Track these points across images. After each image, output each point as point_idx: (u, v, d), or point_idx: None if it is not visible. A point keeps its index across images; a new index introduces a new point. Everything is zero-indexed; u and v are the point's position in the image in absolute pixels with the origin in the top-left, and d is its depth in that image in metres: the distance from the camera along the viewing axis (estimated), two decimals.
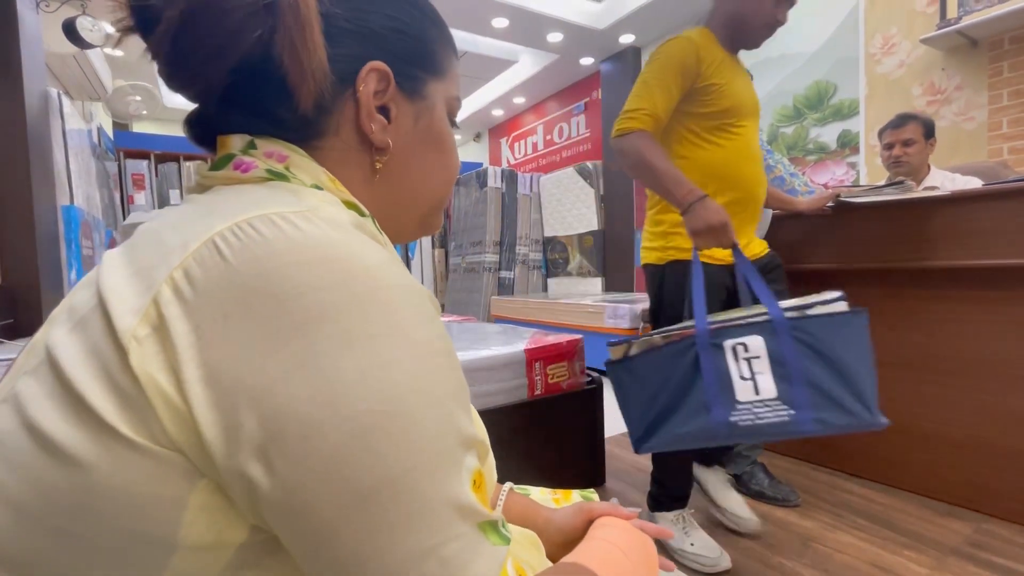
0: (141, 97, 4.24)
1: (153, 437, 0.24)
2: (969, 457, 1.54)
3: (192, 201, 0.33)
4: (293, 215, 0.27)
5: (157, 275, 0.26)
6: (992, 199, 1.44)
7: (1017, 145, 2.50)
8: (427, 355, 0.27)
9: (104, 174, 3.46)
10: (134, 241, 0.30)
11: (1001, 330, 1.46)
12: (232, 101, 0.35)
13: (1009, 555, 1.30)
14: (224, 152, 0.35)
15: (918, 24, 2.80)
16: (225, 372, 0.24)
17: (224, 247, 0.26)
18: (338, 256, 0.26)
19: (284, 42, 0.31)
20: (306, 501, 0.24)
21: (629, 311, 3.21)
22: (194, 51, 0.32)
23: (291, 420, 0.24)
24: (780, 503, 1.61)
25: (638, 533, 0.47)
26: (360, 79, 0.35)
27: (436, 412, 0.27)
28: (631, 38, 4.45)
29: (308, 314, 0.25)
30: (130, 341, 0.25)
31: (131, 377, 0.24)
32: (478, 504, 0.27)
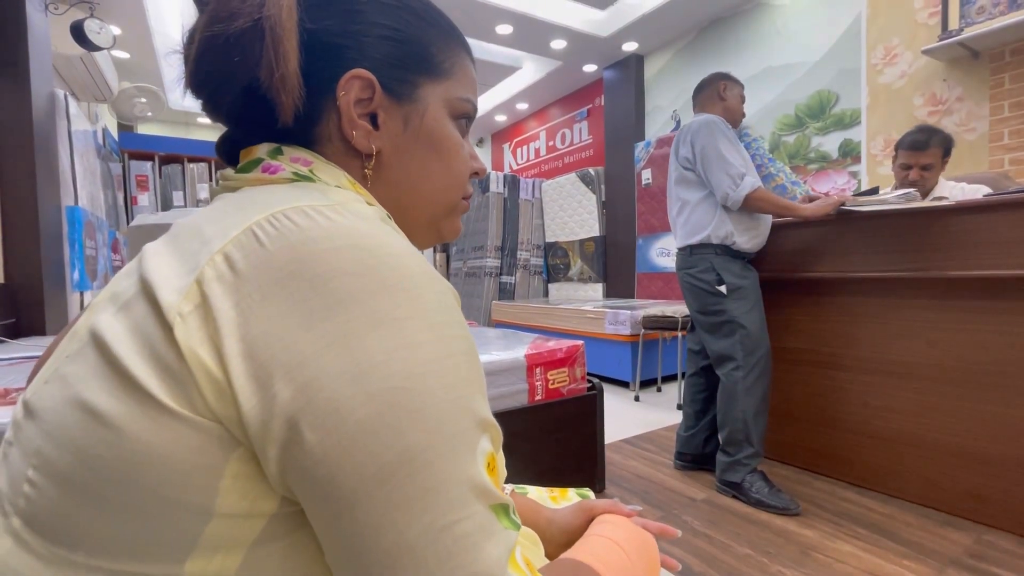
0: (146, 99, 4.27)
1: (194, 408, 0.26)
2: (970, 467, 1.53)
3: (224, 199, 0.35)
4: (325, 207, 0.30)
5: (200, 259, 0.28)
6: (992, 210, 1.45)
7: (1018, 156, 2.50)
8: (448, 340, 0.29)
9: (108, 175, 3.48)
10: (174, 233, 0.33)
11: (1002, 340, 1.46)
12: (245, 120, 0.39)
13: (1010, 566, 1.30)
14: (251, 158, 0.38)
15: (920, 35, 2.82)
16: (262, 347, 0.26)
17: (262, 234, 0.28)
18: (367, 244, 0.28)
19: (263, 59, 0.34)
20: (330, 471, 0.25)
21: (630, 317, 3.21)
22: (216, 67, 0.36)
23: (321, 393, 0.25)
24: (780, 511, 1.61)
25: (638, 530, 0.48)
26: (340, 87, 0.37)
27: (455, 394, 0.28)
28: (634, 46, 4.47)
29: (339, 296, 0.27)
30: (175, 317, 0.26)
31: (175, 351, 0.26)
32: (492, 486, 0.28)
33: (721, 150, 1.71)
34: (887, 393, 1.71)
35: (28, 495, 0.28)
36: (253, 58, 0.34)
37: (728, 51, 3.95)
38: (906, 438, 1.66)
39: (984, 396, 1.50)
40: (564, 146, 5.81)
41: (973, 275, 1.48)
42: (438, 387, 0.27)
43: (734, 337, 1.73)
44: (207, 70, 0.36)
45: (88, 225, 2.74)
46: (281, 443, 0.26)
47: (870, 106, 3.08)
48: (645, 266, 4.44)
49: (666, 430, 2.44)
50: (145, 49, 4.38)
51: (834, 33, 3.28)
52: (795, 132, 3.51)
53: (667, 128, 4.50)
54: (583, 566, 0.38)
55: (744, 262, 1.81)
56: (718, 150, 1.71)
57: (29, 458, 0.28)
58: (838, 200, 1.67)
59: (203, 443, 0.26)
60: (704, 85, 1.91)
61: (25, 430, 0.29)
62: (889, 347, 1.69)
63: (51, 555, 0.27)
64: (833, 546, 1.41)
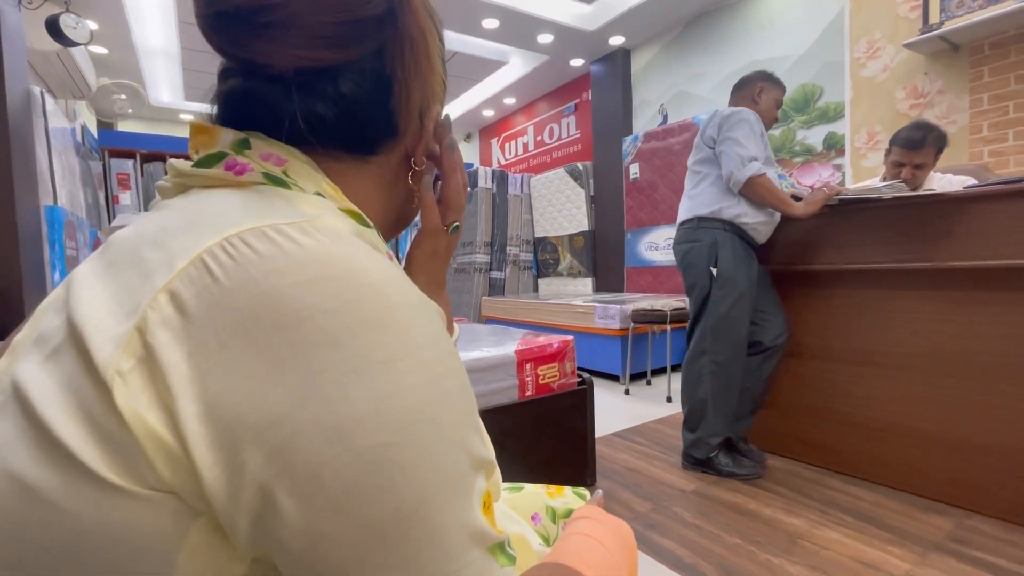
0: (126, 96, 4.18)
1: (143, 480, 0.23)
2: (952, 454, 1.57)
3: (170, 208, 0.30)
4: (288, 227, 0.26)
5: (139, 298, 0.24)
6: (974, 202, 1.47)
7: (997, 148, 2.55)
8: (439, 378, 0.26)
9: (88, 173, 3.41)
10: (108, 257, 0.28)
11: (984, 330, 1.49)
12: (292, 95, 0.32)
13: (990, 550, 1.33)
14: (211, 148, 0.32)
15: (902, 29, 2.85)
16: (224, 407, 0.22)
17: (215, 266, 0.24)
18: (343, 274, 0.25)
19: (405, 66, 0.33)
20: (317, 541, 0.23)
21: (619, 311, 3.23)
22: (288, 28, 0.30)
23: (299, 457, 0.22)
24: (747, 479, 1.79)
25: (616, 522, 0.47)
26: (430, 119, 0.39)
27: (449, 439, 0.26)
28: (621, 40, 4.47)
29: (313, 340, 0.23)
30: (113, 377, 0.22)
31: (116, 417, 0.22)
32: (488, 528, 0.27)
33: (740, 136, 1.75)
34: (872, 383, 1.74)
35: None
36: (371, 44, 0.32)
37: (714, 45, 3.97)
38: (890, 427, 1.70)
39: (966, 385, 1.53)
40: (552, 141, 5.80)
41: (956, 266, 1.51)
42: (432, 435, 0.25)
43: (708, 323, 1.79)
44: (295, 19, 0.30)
45: (68, 225, 2.68)
46: (254, 515, 0.23)
47: (853, 99, 3.12)
48: (634, 260, 4.46)
49: (656, 423, 2.46)
50: (124, 45, 4.29)
51: (818, 27, 3.31)
52: (781, 125, 3.54)
53: (654, 123, 4.52)
54: (567, 569, 0.36)
55: (748, 249, 1.82)
56: (739, 134, 1.75)
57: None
58: (823, 196, 1.69)
59: (156, 517, 0.23)
60: (743, 84, 1.93)
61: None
62: (874, 338, 1.72)
63: None
64: (820, 534, 1.44)
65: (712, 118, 1.84)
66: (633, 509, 1.62)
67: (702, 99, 4.10)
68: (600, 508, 0.49)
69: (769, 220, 1.82)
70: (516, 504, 0.63)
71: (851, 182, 3.13)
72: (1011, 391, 1.45)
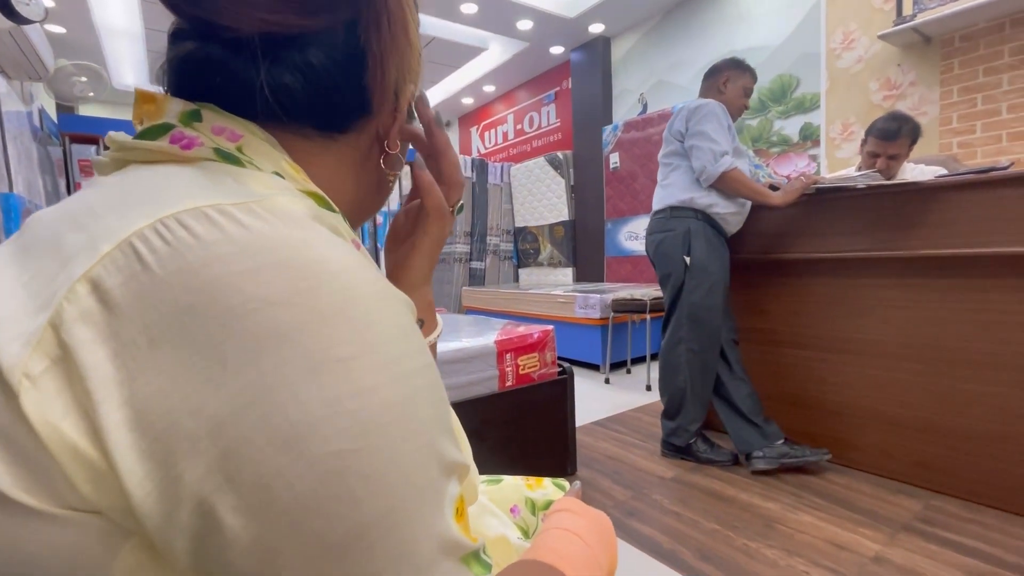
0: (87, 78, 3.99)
1: (60, 500, 0.20)
2: (920, 437, 1.61)
3: (100, 185, 0.26)
4: (234, 208, 0.22)
5: (56, 288, 0.21)
6: (946, 191, 1.50)
7: (966, 139, 2.61)
8: (406, 376, 0.23)
9: (47, 160, 3.26)
10: (22, 241, 0.25)
11: (950, 316, 1.53)
12: (275, 58, 0.29)
13: (956, 529, 1.38)
14: (157, 119, 0.28)
15: (876, 21, 2.89)
16: (156, 412, 0.20)
17: (146, 252, 0.21)
18: (296, 261, 0.22)
19: (384, 35, 0.30)
20: (268, 561, 0.20)
21: (599, 301, 3.24)
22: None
23: (245, 468, 0.20)
24: (724, 464, 1.82)
25: (594, 514, 0.46)
26: (406, 98, 0.36)
27: (417, 442, 0.23)
28: (601, 27, 4.44)
29: (260, 335, 0.20)
30: (20, 380, 0.19)
31: (24, 427, 0.19)
32: (461, 536, 0.25)
33: (708, 129, 1.75)
34: (844, 369, 1.78)
35: None
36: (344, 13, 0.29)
37: (693, 34, 3.97)
38: (862, 412, 1.74)
39: (933, 370, 1.57)
40: (532, 129, 5.76)
41: (925, 254, 1.55)
42: (397, 440, 0.22)
43: (683, 311, 1.81)
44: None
45: (26, 214, 2.56)
46: (192, 534, 0.20)
47: (829, 90, 3.16)
48: (614, 250, 4.48)
49: (636, 411, 2.48)
50: (83, 24, 4.08)
51: (795, 18, 3.34)
52: (758, 116, 3.57)
53: (634, 112, 4.51)
54: (547, 568, 0.35)
55: (720, 238, 1.84)
56: (707, 128, 1.75)
57: None
58: (801, 185, 1.71)
59: (79, 542, 0.20)
60: (711, 73, 1.91)
61: None
62: (846, 325, 1.76)
63: None
64: (795, 517, 1.47)
65: (679, 112, 1.84)
66: (613, 497, 1.64)
67: (681, 88, 4.10)
68: (579, 500, 0.48)
69: (740, 211, 1.84)
70: (495, 496, 0.62)
71: (826, 172, 3.18)
72: (974, 375, 1.49)
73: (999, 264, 1.43)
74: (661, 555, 1.32)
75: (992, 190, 1.42)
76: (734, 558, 1.29)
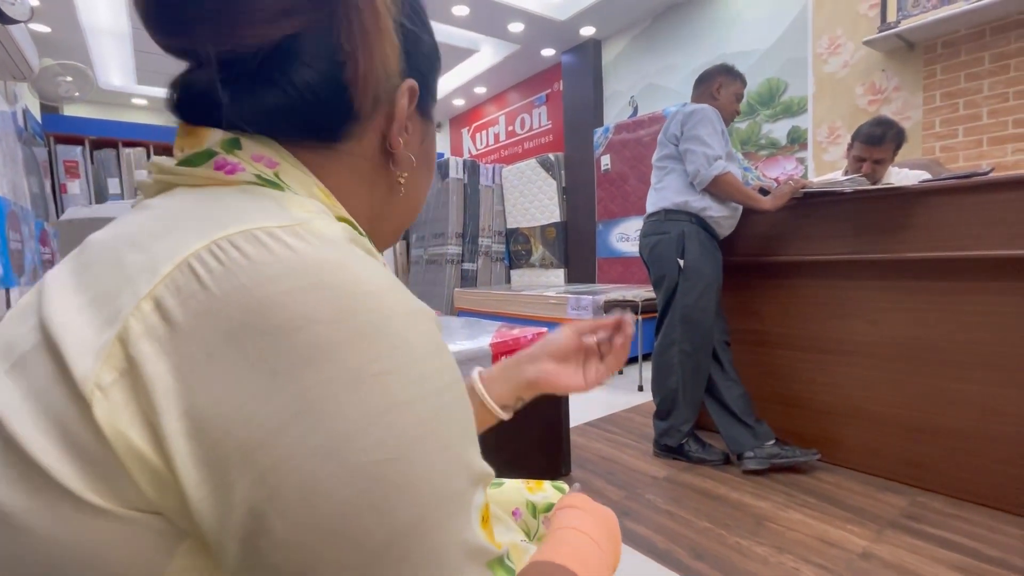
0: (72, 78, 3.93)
1: (125, 501, 0.21)
2: (906, 436, 1.65)
3: (151, 208, 0.28)
4: (281, 231, 0.24)
5: (122, 305, 0.22)
6: (930, 195, 1.54)
7: (948, 143, 2.67)
8: (438, 391, 0.25)
9: (32, 161, 3.21)
10: (83, 260, 0.26)
11: (936, 318, 1.57)
12: (252, 75, 0.29)
13: (941, 525, 1.41)
14: (199, 147, 0.30)
15: (861, 26, 2.95)
16: (212, 423, 0.21)
17: (203, 272, 0.23)
18: (337, 281, 0.24)
19: (355, 36, 0.29)
20: (310, 565, 0.22)
21: (591, 302, 3.26)
22: (229, 5, 0.27)
23: (291, 476, 0.21)
24: (717, 464, 1.83)
25: (601, 511, 0.48)
26: (400, 93, 0.35)
27: (448, 454, 0.25)
28: (591, 30, 4.47)
29: (306, 352, 0.22)
30: (93, 391, 0.21)
31: (95, 434, 0.21)
32: (486, 543, 0.26)
33: (703, 134, 1.78)
34: (833, 370, 1.81)
35: None
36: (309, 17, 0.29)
37: (683, 38, 4.01)
38: (850, 411, 1.77)
39: (919, 370, 1.61)
40: (523, 131, 5.78)
41: (911, 257, 1.58)
42: (431, 451, 0.24)
43: (676, 313, 1.83)
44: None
45: (11, 216, 2.52)
46: (243, 536, 0.21)
47: (816, 94, 3.21)
48: (605, 251, 4.51)
49: (628, 411, 2.51)
50: (68, 23, 4.03)
51: (783, 22, 3.39)
52: (747, 119, 3.62)
53: (625, 114, 4.55)
54: (561, 568, 0.37)
55: (713, 241, 1.86)
56: (702, 132, 1.78)
57: None
58: (790, 190, 1.74)
59: (138, 540, 0.22)
60: (703, 79, 1.94)
61: None
62: (835, 326, 1.79)
63: None
64: (785, 515, 1.50)
65: (674, 116, 1.87)
66: (607, 497, 1.65)
67: (671, 91, 4.15)
68: (586, 496, 0.50)
69: (732, 214, 1.87)
70: (497, 500, 0.63)
71: (813, 175, 3.23)
72: (958, 375, 1.53)
73: (981, 267, 1.47)
74: (656, 554, 1.34)
75: (974, 195, 1.46)
76: (727, 556, 1.31)
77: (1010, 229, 1.40)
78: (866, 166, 1.94)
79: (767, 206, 1.75)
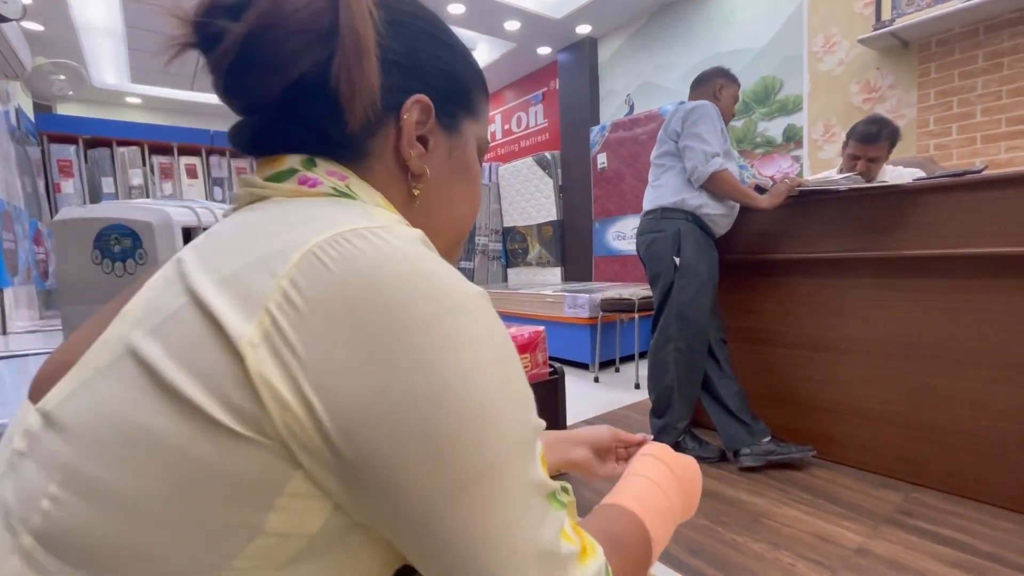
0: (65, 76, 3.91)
1: (261, 431, 0.26)
2: (900, 432, 1.66)
3: (261, 211, 0.34)
4: (379, 230, 0.30)
5: (263, 283, 0.28)
6: (924, 194, 1.55)
7: (942, 141, 2.69)
8: (506, 358, 0.31)
9: (26, 160, 3.19)
10: (207, 248, 0.32)
11: (928, 315, 1.58)
12: (285, 115, 0.37)
13: (934, 520, 1.42)
14: (281, 167, 0.37)
15: (856, 25, 2.95)
16: (339, 378, 0.27)
17: (326, 258, 0.28)
18: (426, 269, 0.30)
19: (341, 66, 0.34)
20: (417, 486, 0.27)
21: (588, 300, 3.26)
22: (254, 68, 0.34)
23: (403, 418, 0.27)
24: (713, 461, 1.85)
25: (678, 459, 0.54)
26: (405, 108, 0.38)
27: (519, 407, 0.31)
28: (587, 28, 4.47)
29: (411, 323, 0.28)
30: (246, 346, 0.26)
31: (245, 380, 0.26)
32: (547, 479, 0.32)
33: (703, 130, 1.79)
34: (828, 367, 1.82)
35: (47, 512, 0.27)
36: (311, 57, 0.34)
37: (678, 37, 4.02)
38: (845, 408, 1.78)
39: (914, 367, 1.62)
40: (520, 130, 5.77)
41: (904, 255, 1.59)
42: (507, 404, 0.30)
43: (672, 311, 1.84)
44: (253, 58, 0.34)
45: (5, 216, 2.50)
46: (361, 467, 0.27)
47: (811, 92, 3.22)
48: (602, 249, 4.51)
49: (625, 409, 2.51)
50: (62, 21, 4.00)
51: (778, 21, 3.39)
52: (743, 117, 3.63)
53: (621, 112, 4.55)
54: (622, 510, 0.45)
55: (709, 239, 1.87)
56: (701, 129, 1.79)
57: (52, 473, 0.27)
58: (787, 188, 1.75)
59: (268, 461, 0.27)
60: (702, 80, 1.95)
61: (46, 443, 0.28)
62: (830, 324, 1.80)
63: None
64: (781, 511, 1.51)
65: (675, 112, 1.87)
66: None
67: (667, 90, 4.15)
68: (667, 447, 0.56)
69: (729, 212, 1.87)
70: None
71: (808, 173, 3.24)
72: (952, 372, 1.54)
73: (975, 264, 1.48)
74: None
75: (968, 193, 1.47)
76: (723, 552, 1.32)
77: (1004, 227, 1.41)
78: (861, 164, 1.95)
79: (764, 204, 1.76)
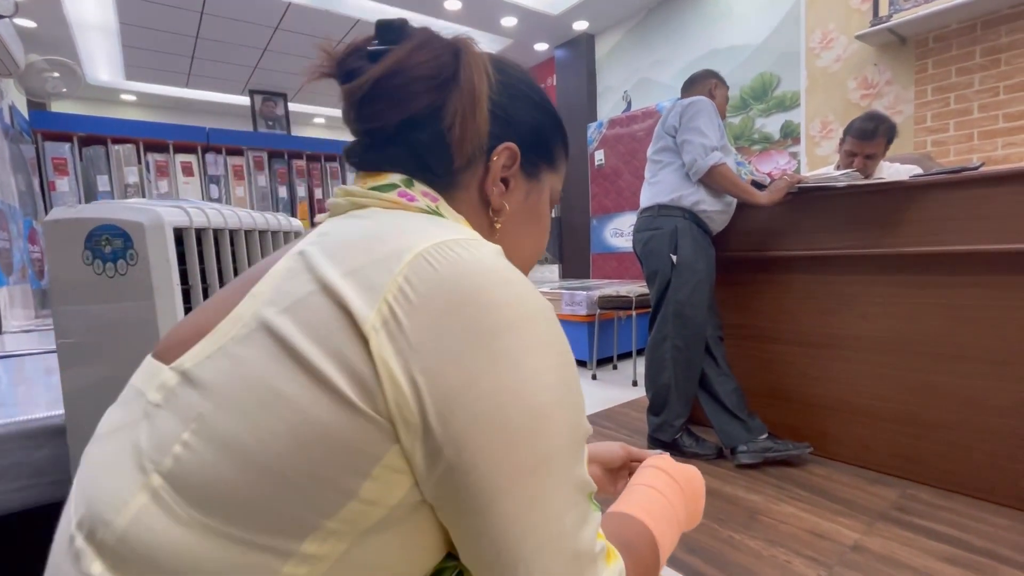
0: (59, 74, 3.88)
1: (375, 406, 0.30)
2: (896, 429, 1.67)
3: (368, 218, 0.39)
4: (472, 242, 0.35)
5: (383, 278, 0.32)
6: (921, 190, 1.55)
7: (939, 137, 2.69)
8: (569, 363, 0.36)
9: (20, 158, 3.17)
10: (331, 245, 0.36)
11: (924, 312, 1.58)
12: (396, 142, 0.43)
13: (930, 517, 1.43)
14: (383, 181, 0.43)
15: (854, 21, 2.95)
16: (441, 361, 0.31)
17: (434, 262, 0.33)
18: (512, 279, 0.34)
19: (457, 112, 0.41)
20: (490, 467, 0.31)
21: (586, 297, 3.26)
22: (379, 102, 0.42)
23: (488, 405, 0.31)
24: (709, 458, 1.85)
25: (682, 469, 0.57)
26: (496, 152, 0.45)
27: (575, 409, 0.35)
28: (584, 24, 4.45)
29: (500, 324, 0.32)
30: (370, 330, 0.31)
31: (368, 359, 0.30)
32: (590, 479, 0.36)
33: (701, 124, 1.79)
34: (825, 364, 1.82)
35: (178, 456, 0.31)
36: (428, 99, 0.41)
37: (676, 33, 4.00)
38: (841, 405, 1.79)
39: (910, 364, 1.62)
40: None
41: (901, 252, 1.59)
42: (568, 404, 0.34)
43: (669, 309, 1.84)
44: (380, 95, 0.41)
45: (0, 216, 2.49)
46: (446, 443, 0.31)
47: (808, 88, 3.22)
48: (600, 247, 4.51)
49: (623, 406, 2.52)
50: (55, 18, 3.97)
51: (775, 17, 3.39)
52: (740, 113, 3.62)
53: (618, 109, 4.54)
54: (629, 518, 0.47)
55: (706, 236, 1.86)
56: (700, 123, 1.80)
57: (187, 422, 0.31)
58: (786, 184, 1.75)
59: (372, 433, 0.30)
60: (695, 80, 1.96)
61: (183, 397, 0.33)
62: (827, 321, 1.80)
63: (187, 517, 0.30)
64: (777, 508, 1.51)
65: (673, 108, 1.87)
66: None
67: (664, 86, 4.14)
68: (669, 458, 0.59)
69: (726, 209, 1.87)
70: None
71: (806, 170, 3.24)
72: (947, 369, 1.55)
73: (971, 261, 1.48)
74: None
75: (964, 189, 1.47)
76: (719, 550, 1.33)
77: (1000, 223, 1.41)
78: (858, 161, 1.95)
79: (763, 200, 1.75)
